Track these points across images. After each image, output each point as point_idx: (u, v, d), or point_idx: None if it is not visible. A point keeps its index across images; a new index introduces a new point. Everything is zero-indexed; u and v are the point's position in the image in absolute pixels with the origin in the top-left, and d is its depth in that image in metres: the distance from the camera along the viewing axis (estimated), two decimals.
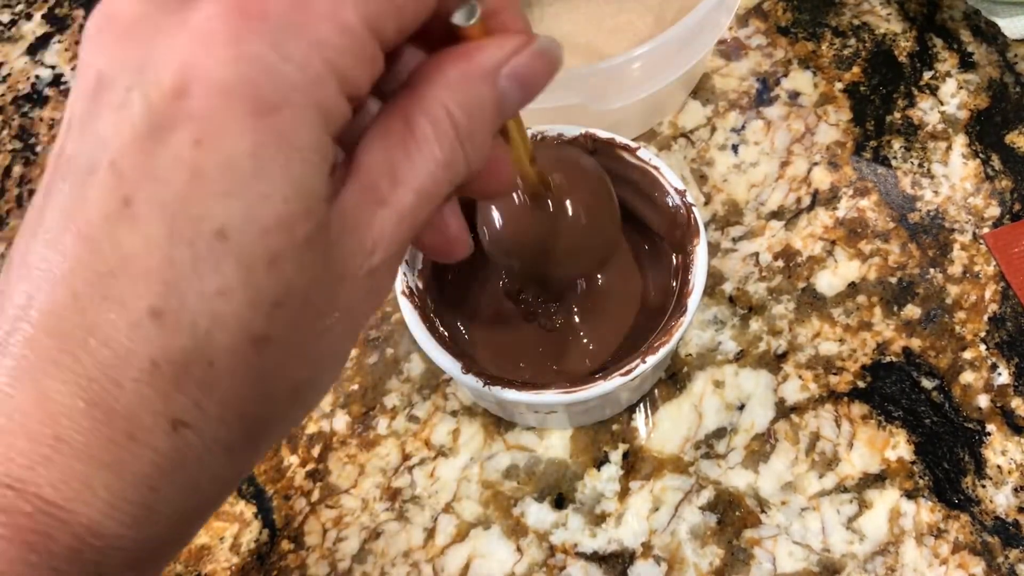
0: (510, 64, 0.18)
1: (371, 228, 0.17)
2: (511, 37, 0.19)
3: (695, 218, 0.33)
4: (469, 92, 0.18)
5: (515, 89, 0.18)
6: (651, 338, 0.32)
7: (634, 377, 0.31)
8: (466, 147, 0.18)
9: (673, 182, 0.34)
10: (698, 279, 0.32)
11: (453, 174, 0.18)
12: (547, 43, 0.19)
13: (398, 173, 0.17)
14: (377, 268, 0.18)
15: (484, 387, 0.31)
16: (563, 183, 0.29)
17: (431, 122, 0.18)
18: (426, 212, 0.18)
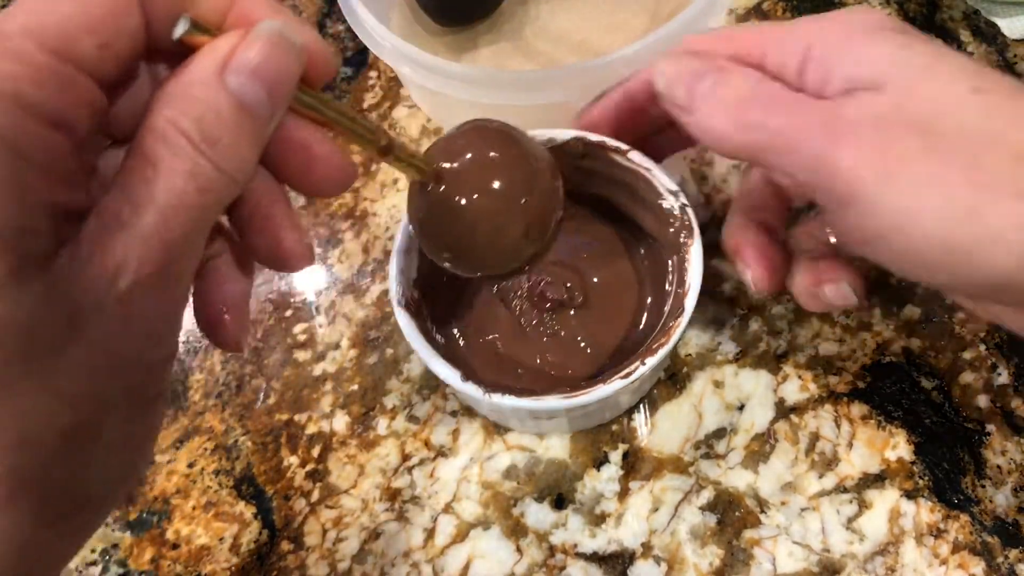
0: (234, 60, 0.18)
1: (112, 253, 0.17)
2: (229, 35, 0.18)
3: (689, 218, 0.33)
4: (194, 101, 0.18)
5: (251, 83, 0.18)
6: (649, 340, 0.32)
7: (634, 379, 0.31)
8: (211, 154, 0.18)
9: (666, 183, 0.34)
10: (694, 279, 0.32)
11: (205, 183, 0.18)
12: (268, 27, 0.19)
13: (137, 197, 0.17)
14: (128, 293, 0.17)
15: (484, 395, 0.31)
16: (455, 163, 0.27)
17: (160, 140, 0.17)
18: (183, 227, 0.17)
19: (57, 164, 0.17)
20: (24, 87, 0.16)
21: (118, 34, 0.18)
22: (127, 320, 0.17)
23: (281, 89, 0.19)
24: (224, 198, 0.18)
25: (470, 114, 0.43)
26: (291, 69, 0.19)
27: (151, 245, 0.17)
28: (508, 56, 0.44)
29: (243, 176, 0.19)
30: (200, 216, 0.18)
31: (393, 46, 0.38)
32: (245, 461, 0.39)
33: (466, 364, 0.35)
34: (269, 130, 0.19)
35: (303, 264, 0.22)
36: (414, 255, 0.34)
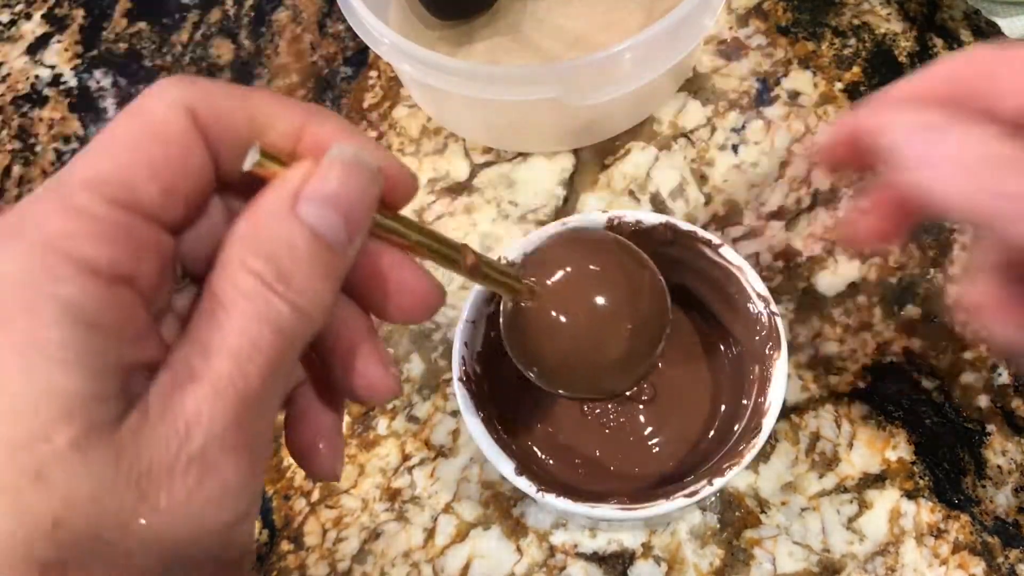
0: (307, 190, 0.17)
1: (183, 409, 0.16)
2: (301, 163, 0.17)
3: (777, 328, 0.31)
4: (266, 237, 0.17)
5: (326, 212, 0.17)
6: (719, 457, 0.31)
7: (698, 500, 0.29)
8: (286, 293, 0.16)
9: (756, 287, 0.32)
10: (776, 396, 0.30)
11: (280, 325, 0.16)
12: (340, 152, 0.18)
13: (209, 345, 0.16)
14: (201, 452, 0.16)
15: (537, 493, 0.30)
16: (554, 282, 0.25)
17: (230, 282, 0.16)
18: (260, 373, 0.16)
19: (125, 322, 0.16)
20: (85, 246, 0.15)
21: (184, 176, 0.17)
22: (201, 482, 0.16)
23: (359, 216, 0.18)
24: (302, 338, 0.17)
25: (469, 111, 0.43)
26: (368, 194, 0.18)
27: (225, 397, 0.16)
28: (505, 51, 0.44)
29: (321, 314, 0.17)
30: (277, 360, 0.17)
31: (391, 42, 0.38)
32: None
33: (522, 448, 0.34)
34: (348, 261, 0.18)
35: (390, 397, 0.21)
36: (481, 326, 0.33)
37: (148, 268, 0.17)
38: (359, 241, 0.18)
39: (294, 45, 0.49)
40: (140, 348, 0.16)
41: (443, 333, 0.40)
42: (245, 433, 0.16)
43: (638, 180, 0.44)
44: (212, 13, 0.51)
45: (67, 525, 0.15)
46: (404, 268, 0.20)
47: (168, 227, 0.17)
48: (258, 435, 0.17)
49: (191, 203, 0.18)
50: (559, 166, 0.44)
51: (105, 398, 0.15)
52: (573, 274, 0.25)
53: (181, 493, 0.15)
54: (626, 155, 0.44)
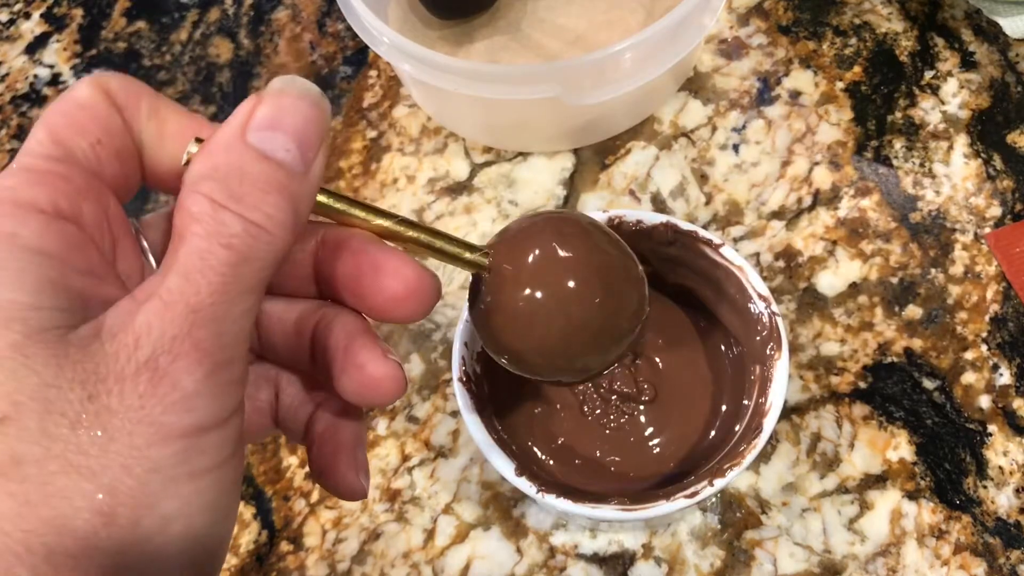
0: (253, 119, 0.18)
1: (133, 324, 0.16)
2: (244, 102, 0.18)
3: (778, 328, 0.31)
4: (217, 164, 0.17)
5: (273, 136, 0.18)
6: (720, 458, 0.31)
7: (699, 500, 0.29)
8: (236, 208, 0.17)
9: (758, 287, 0.32)
10: (776, 397, 0.30)
11: (230, 238, 0.17)
12: (280, 81, 0.18)
13: (165, 266, 0.17)
14: (149, 359, 0.16)
15: (537, 493, 0.29)
16: (514, 254, 0.23)
17: (185, 211, 0.17)
18: (210, 286, 0.17)
19: (70, 252, 0.17)
20: (26, 190, 0.17)
21: (108, 134, 0.19)
22: (153, 387, 0.16)
23: (310, 137, 0.18)
24: (260, 257, 0.17)
25: (468, 109, 0.43)
26: (315, 116, 0.18)
27: (174, 308, 0.16)
28: (505, 50, 0.44)
29: (279, 229, 0.17)
30: (231, 276, 0.17)
31: (391, 41, 0.38)
32: (244, 461, 0.39)
33: (522, 448, 0.34)
34: (308, 185, 0.18)
35: (393, 388, 0.21)
36: None
37: (92, 211, 0.18)
38: (317, 166, 0.19)
39: (293, 44, 0.49)
40: (95, 282, 0.17)
41: (443, 333, 0.40)
42: (200, 347, 0.16)
43: (638, 180, 0.43)
44: (211, 12, 0.50)
45: (15, 421, 0.15)
46: (394, 261, 0.21)
47: (109, 183, 0.19)
48: (218, 350, 0.17)
49: (124, 162, 0.19)
50: (559, 166, 0.44)
51: (49, 308, 0.16)
52: (532, 248, 0.24)
53: (132, 397, 0.16)
54: (626, 155, 0.44)
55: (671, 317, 0.36)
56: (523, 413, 0.35)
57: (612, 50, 0.36)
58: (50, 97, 0.49)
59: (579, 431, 0.35)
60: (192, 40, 0.50)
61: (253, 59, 0.49)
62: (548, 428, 0.35)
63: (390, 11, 0.46)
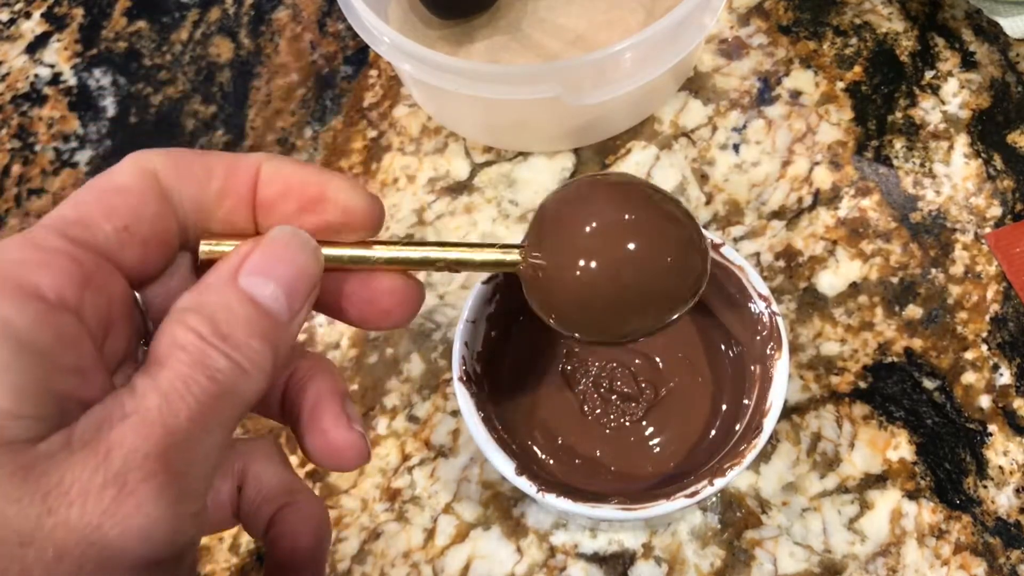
0: (247, 264, 0.18)
1: (106, 438, 0.16)
2: (245, 243, 0.19)
3: (779, 328, 0.31)
4: (206, 302, 0.18)
5: (263, 283, 0.18)
6: (720, 457, 0.31)
7: (699, 500, 0.29)
8: (222, 346, 0.17)
9: (758, 287, 0.32)
10: (777, 397, 0.30)
11: (214, 372, 0.17)
12: (280, 231, 0.19)
13: (140, 388, 0.17)
14: (119, 474, 0.15)
15: (537, 493, 0.29)
16: (554, 238, 0.23)
17: (170, 339, 0.17)
18: (189, 412, 0.16)
19: (62, 348, 0.16)
20: (31, 272, 0.16)
21: (138, 219, 0.18)
22: (118, 505, 0.15)
23: (298, 288, 0.19)
24: (240, 395, 0.17)
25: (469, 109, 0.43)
26: (306, 267, 0.19)
27: (151, 427, 0.16)
28: (505, 50, 0.44)
29: (261, 374, 0.18)
30: (210, 407, 0.17)
31: (391, 41, 0.38)
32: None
33: (522, 448, 0.34)
34: (291, 331, 0.19)
35: (354, 458, 0.21)
36: (481, 325, 0.33)
37: (96, 302, 0.17)
38: (303, 314, 0.19)
39: (294, 44, 0.49)
40: (80, 380, 0.17)
41: (443, 333, 0.40)
42: (170, 469, 0.16)
43: None
44: (212, 12, 0.50)
45: None
46: (380, 275, 0.21)
47: (127, 271, 0.19)
48: (185, 476, 0.16)
49: (150, 249, 0.19)
50: (559, 165, 0.44)
51: (24, 417, 0.15)
52: (578, 225, 0.23)
53: (94, 513, 0.15)
54: (627, 154, 0.44)
55: None
56: (523, 413, 0.35)
57: (612, 50, 0.36)
58: (50, 97, 0.49)
59: (579, 431, 0.35)
60: (192, 40, 0.50)
61: (253, 59, 0.49)
62: (548, 428, 0.35)
63: (390, 11, 0.46)
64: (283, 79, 0.48)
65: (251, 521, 0.23)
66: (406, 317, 0.22)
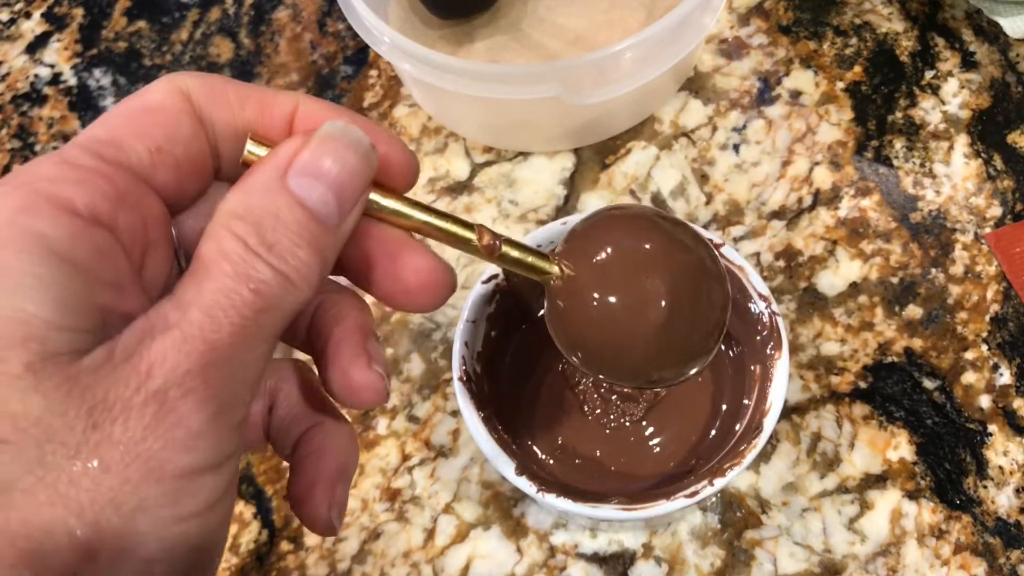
0: (296, 163, 0.17)
1: (149, 352, 0.16)
2: (292, 139, 0.18)
3: (779, 328, 0.31)
4: (252, 206, 0.17)
5: (313, 185, 0.17)
6: (720, 457, 0.31)
7: (700, 500, 0.29)
8: (268, 257, 0.17)
9: (758, 287, 0.32)
10: (777, 397, 0.30)
11: (259, 285, 0.17)
12: (331, 127, 0.18)
13: (186, 300, 0.16)
14: (159, 391, 0.16)
15: (537, 493, 0.29)
16: (593, 260, 0.22)
17: (216, 245, 0.17)
18: (232, 328, 0.16)
19: (100, 263, 0.16)
20: (67, 189, 0.16)
21: (171, 141, 0.18)
22: (158, 420, 0.16)
23: (349, 192, 0.18)
24: (284, 308, 0.17)
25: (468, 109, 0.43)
26: (360, 170, 0.18)
27: (193, 343, 0.16)
28: (505, 50, 0.44)
29: (307, 285, 0.17)
30: (253, 321, 0.17)
31: (391, 41, 0.38)
32: (244, 461, 0.39)
33: (522, 448, 0.34)
34: (339, 238, 0.18)
35: (371, 399, 0.20)
36: (481, 325, 0.33)
37: (130, 221, 0.17)
38: (352, 219, 0.18)
39: (294, 44, 0.49)
40: (118, 295, 0.17)
41: (443, 333, 0.40)
42: (210, 385, 0.16)
43: (639, 179, 0.43)
44: (212, 12, 0.50)
45: (13, 446, 0.15)
46: (411, 252, 0.20)
47: (160, 191, 0.18)
48: (226, 392, 0.16)
49: (184, 173, 0.18)
50: (560, 165, 0.44)
51: (68, 329, 0.16)
52: (616, 251, 0.22)
53: (137, 428, 0.15)
54: (627, 154, 0.44)
55: None
56: (523, 413, 0.35)
57: (612, 50, 0.36)
58: (50, 97, 0.49)
59: (579, 431, 0.35)
60: (193, 40, 0.50)
61: (254, 59, 0.49)
62: (548, 428, 0.35)
63: (390, 11, 0.46)
64: (283, 79, 0.48)
65: (279, 440, 0.23)
66: (431, 302, 0.21)
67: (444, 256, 0.21)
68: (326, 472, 0.21)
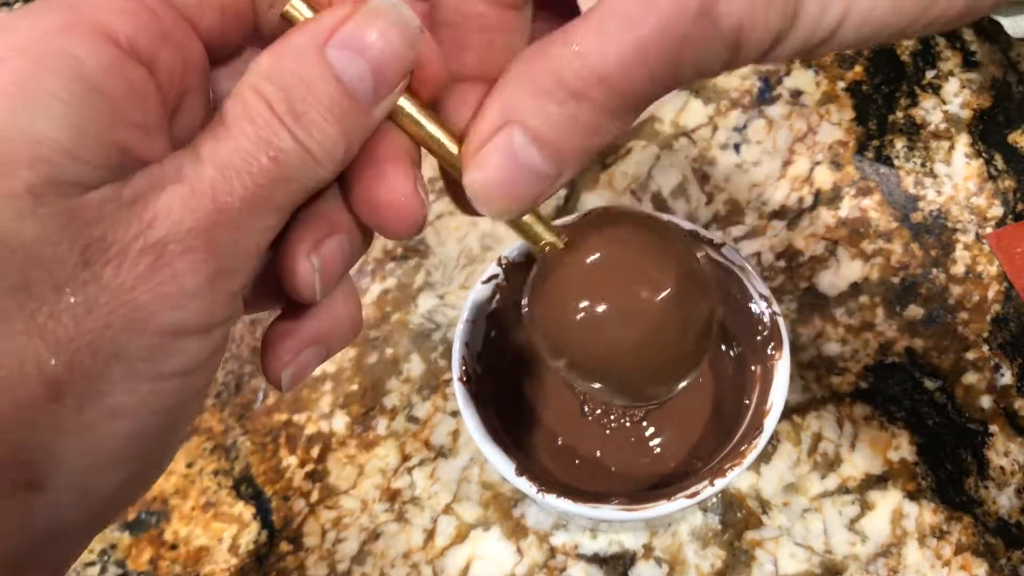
0: (340, 33, 0.16)
1: (155, 201, 0.15)
2: (338, 6, 0.17)
3: (779, 328, 0.31)
4: (286, 70, 0.16)
5: (352, 59, 0.16)
6: (721, 458, 0.31)
7: (700, 500, 0.29)
8: (293, 127, 0.16)
9: (759, 287, 0.32)
10: (777, 397, 0.30)
11: (279, 153, 0.16)
12: (382, 2, 0.17)
13: (202, 154, 0.16)
14: (159, 243, 0.15)
15: (538, 494, 0.29)
16: (592, 241, 0.21)
17: (241, 104, 0.16)
18: (244, 191, 0.16)
19: (130, 99, 0.16)
20: (108, 15, 0.15)
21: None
22: (152, 272, 0.15)
23: (390, 74, 0.17)
24: (302, 182, 0.16)
25: None
26: (404, 54, 0.17)
27: (201, 200, 0.15)
28: None
29: (329, 162, 0.17)
30: (267, 189, 0.16)
31: None
32: (244, 461, 0.39)
33: (522, 448, 0.34)
34: (370, 121, 0.17)
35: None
36: (481, 325, 0.33)
37: (171, 61, 0.16)
38: (385, 105, 0.17)
39: None
40: (143, 138, 0.16)
41: (443, 333, 0.40)
42: (212, 248, 0.16)
43: (639, 179, 0.43)
44: None
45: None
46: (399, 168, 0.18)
47: (203, 35, 0.17)
48: (228, 255, 0.16)
49: (227, 19, 0.18)
50: None
51: (82, 160, 0.15)
52: (613, 245, 0.21)
53: (128, 276, 0.15)
54: (627, 154, 0.44)
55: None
56: (523, 413, 0.35)
57: None
58: None
59: (579, 431, 0.35)
60: None
61: None
62: (548, 428, 0.35)
63: None
64: None
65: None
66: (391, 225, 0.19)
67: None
68: (302, 329, 0.20)
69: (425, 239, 0.43)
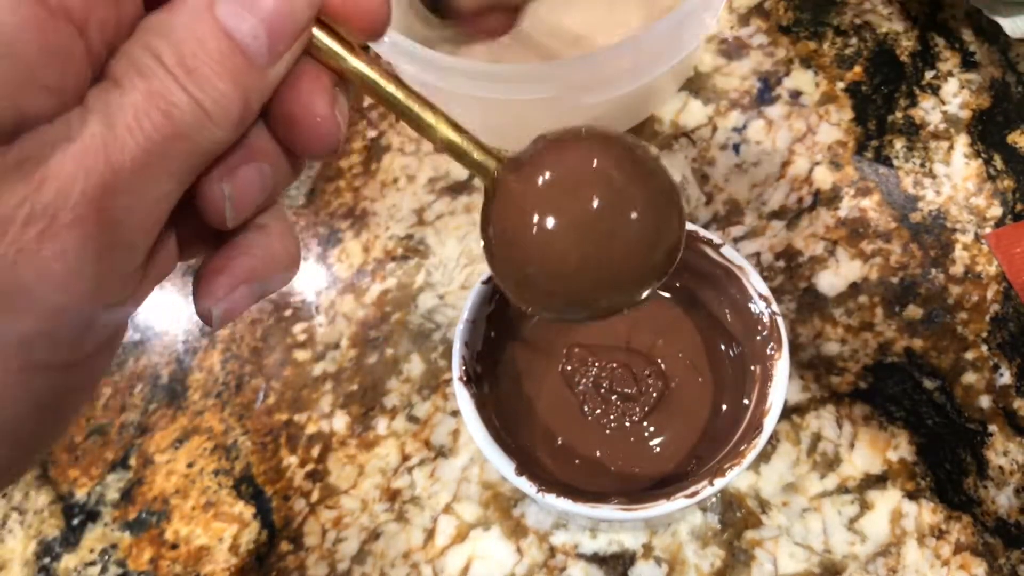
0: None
1: (45, 161, 0.14)
2: None
3: (779, 328, 0.32)
4: (175, 26, 0.15)
5: (244, 16, 0.16)
6: (720, 458, 0.31)
7: (700, 500, 0.29)
8: (185, 82, 0.15)
9: (758, 287, 0.32)
10: (777, 397, 0.30)
11: (172, 111, 0.15)
12: None
13: (92, 109, 0.15)
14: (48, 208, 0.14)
15: (537, 493, 0.30)
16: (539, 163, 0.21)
17: (129, 60, 0.15)
18: (136, 150, 0.15)
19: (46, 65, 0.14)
20: None
21: None
22: (40, 244, 0.14)
23: (284, 31, 0.16)
24: (196, 139, 0.16)
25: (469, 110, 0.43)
26: (300, 10, 0.16)
27: (94, 161, 0.14)
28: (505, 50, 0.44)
29: (223, 118, 0.16)
30: (161, 147, 0.15)
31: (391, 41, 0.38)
32: (244, 461, 0.39)
33: (522, 448, 0.34)
34: (268, 79, 0.16)
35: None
36: (481, 325, 0.33)
37: (104, 18, 0.15)
38: (284, 64, 0.17)
39: None
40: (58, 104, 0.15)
41: (443, 333, 0.40)
42: (103, 216, 0.15)
43: None
44: None
45: None
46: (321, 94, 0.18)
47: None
48: (119, 227, 0.15)
49: None
50: None
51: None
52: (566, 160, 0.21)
53: (11, 248, 0.14)
54: None
55: (671, 317, 0.36)
56: (523, 413, 0.35)
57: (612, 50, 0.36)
58: None
59: (579, 431, 0.35)
60: None
61: None
62: (548, 428, 0.35)
63: None
64: None
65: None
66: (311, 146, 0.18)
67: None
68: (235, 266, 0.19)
69: (425, 239, 0.43)
